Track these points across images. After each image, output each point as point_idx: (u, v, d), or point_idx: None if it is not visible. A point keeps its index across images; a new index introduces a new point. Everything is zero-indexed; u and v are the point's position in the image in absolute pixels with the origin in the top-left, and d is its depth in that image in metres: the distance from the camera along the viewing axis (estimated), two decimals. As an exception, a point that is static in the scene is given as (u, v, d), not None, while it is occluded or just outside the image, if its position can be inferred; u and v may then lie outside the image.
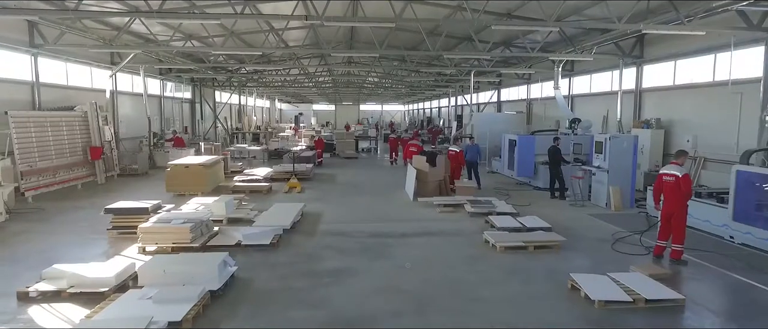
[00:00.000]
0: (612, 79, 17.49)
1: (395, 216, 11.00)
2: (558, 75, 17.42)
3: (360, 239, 8.93)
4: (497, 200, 11.93)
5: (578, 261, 7.79)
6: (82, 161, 14.76)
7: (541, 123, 22.90)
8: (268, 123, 46.88)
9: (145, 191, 14.15)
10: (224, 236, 8.57)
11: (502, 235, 8.67)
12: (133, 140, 20.18)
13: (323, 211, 11.43)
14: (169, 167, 13.36)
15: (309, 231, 9.46)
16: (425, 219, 10.69)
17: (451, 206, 11.71)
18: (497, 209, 11.03)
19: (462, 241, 8.91)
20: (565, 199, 13.06)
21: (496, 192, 14.13)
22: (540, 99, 23.53)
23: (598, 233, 9.60)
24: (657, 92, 15.31)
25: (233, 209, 10.44)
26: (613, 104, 17.25)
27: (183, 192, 13.19)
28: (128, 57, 17.16)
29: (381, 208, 11.90)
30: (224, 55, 23.25)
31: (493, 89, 30.56)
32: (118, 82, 19.19)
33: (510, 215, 10.45)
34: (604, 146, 12.02)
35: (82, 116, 15.09)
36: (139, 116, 20.16)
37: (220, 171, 15.21)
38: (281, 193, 13.94)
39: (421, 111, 59.20)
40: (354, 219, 10.70)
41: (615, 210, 11.65)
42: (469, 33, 15.90)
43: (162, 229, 7.97)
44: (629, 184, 12.01)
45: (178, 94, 26.69)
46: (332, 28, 18.46)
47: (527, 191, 14.63)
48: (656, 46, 15.17)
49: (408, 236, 9.22)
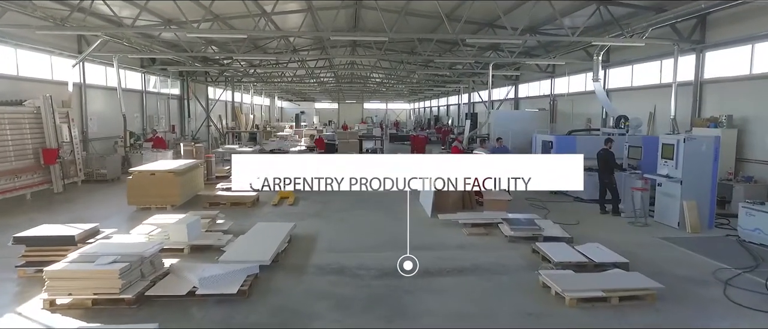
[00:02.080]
0: (661, 69, 14.90)
1: (411, 241, 8.41)
2: (598, 65, 14.86)
3: (366, 281, 6.44)
4: (540, 219, 9.39)
5: (692, 321, 5.28)
6: (33, 166, 12.32)
7: (568, 121, 20.32)
8: (267, 122, 44.48)
9: (108, 202, 11.73)
10: (176, 278, 6.09)
11: (568, 278, 6.14)
12: (106, 141, 17.75)
13: (319, 232, 8.94)
14: (132, 174, 10.89)
15: (297, 267, 6.97)
16: (451, 245, 8.18)
17: (481, 226, 9.19)
18: (543, 231, 8.50)
19: (509, 284, 6.39)
20: (619, 215, 10.52)
21: (530, 205, 11.62)
22: (567, 95, 20.93)
23: (690, 268, 7.05)
24: (723, 83, 12.69)
25: (200, 232, 7.96)
26: (661, 99, 14.68)
27: (148, 205, 10.76)
28: (95, 44, 14.72)
29: (392, 228, 9.39)
30: (212, 46, 20.78)
31: (510, 85, 27.95)
32: (87, 73, 16.75)
33: (564, 242, 7.93)
34: (676, 150, 9.47)
35: (33, 112, 12.66)
36: (114, 113, 17.71)
37: (198, 178, 12.74)
38: (269, 206, 11.47)
39: (427, 110, 56.61)
40: (358, 246, 8.20)
41: (691, 232, 9.09)
42: (497, 14, 13.30)
43: (78, 273, 5.49)
44: (708, 198, 9.45)
45: (165, 89, 24.25)
46: (332, 13, 15.97)
47: (566, 203, 12.09)
48: (722, 28, 12.56)
49: (432, 274, 6.71)
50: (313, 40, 22.47)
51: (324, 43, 21.77)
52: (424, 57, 19.48)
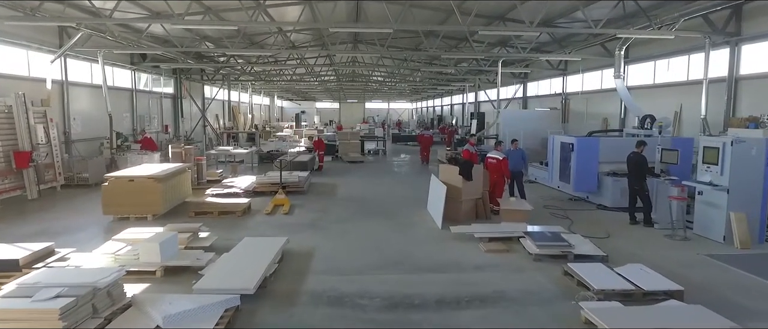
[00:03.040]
0: (688, 64, 13.74)
1: (421, 259, 7.36)
2: (620, 60, 13.70)
3: (369, 315, 5.33)
4: (567, 233, 8.27)
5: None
6: (3, 171, 11.26)
7: (581, 121, 19.20)
8: (266, 122, 43.40)
9: (85, 211, 10.63)
10: (138, 314, 4.98)
11: (617, 313, 5.01)
12: (92, 142, 16.67)
13: (315, 248, 7.83)
14: (107, 180, 9.79)
15: (287, 295, 5.85)
16: (467, 266, 7.05)
17: (500, 241, 8.07)
18: (573, 248, 7.38)
19: (543, 318, 5.27)
20: (652, 225, 9.39)
21: (550, 214, 10.49)
22: (581, 93, 19.78)
23: (758, 298, 5.91)
24: (762, 79, 11.54)
25: (176, 250, 6.85)
26: (688, 97, 13.55)
27: (126, 215, 9.67)
28: (75, 37, 13.64)
29: (398, 243, 8.28)
30: (206, 42, 19.69)
31: (518, 83, 26.80)
32: (71, 70, 15.66)
33: (599, 261, 6.80)
34: (721, 154, 8.33)
35: (4, 111, 11.58)
36: (101, 112, 16.61)
37: (185, 183, 11.62)
38: (262, 215, 10.35)
39: (430, 109, 55.47)
40: (359, 265, 7.08)
41: (741, 247, 7.96)
42: (509, 6, 12.19)
43: (9, 312, 4.39)
44: (758, 209, 8.30)
45: (158, 88, 23.14)
46: (331, 4, 14.86)
47: (589, 211, 10.96)
48: (760, 19, 11.42)
49: (448, 304, 5.59)
50: (313, 35, 21.35)
51: (324, 39, 20.65)
52: (430, 53, 18.33)
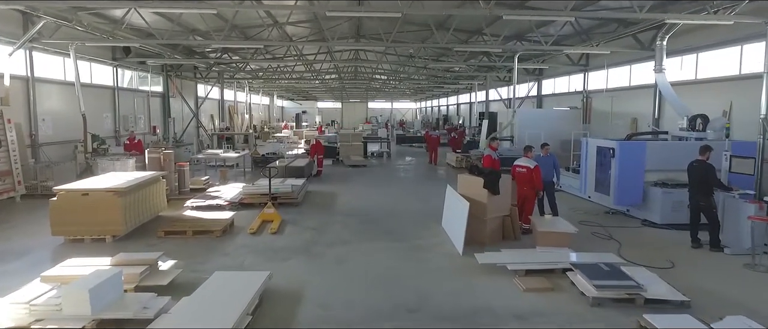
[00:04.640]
0: (740, 56, 11.95)
1: (443, 304, 5.59)
2: (662, 51, 11.90)
3: None
4: (630, 265, 6.51)
5: None
6: (-55, 181, 9.59)
7: (605, 121, 17.42)
8: (265, 122, 41.70)
9: (39, 228, 8.89)
10: None
11: None
12: (66, 145, 14.99)
13: (304, 286, 6.09)
14: (56, 194, 8.08)
15: (259, 371, 4.12)
16: (505, 315, 5.29)
17: (540, 275, 6.33)
18: (644, 289, 5.60)
19: None
20: (721, 249, 7.63)
21: (591, 233, 8.74)
22: (605, 91, 17.97)
23: None
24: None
25: (117, 295, 5.12)
26: (739, 94, 11.78)
27: (80, 236, 7.97)
28: (36, 27, 11.96)
29: (411, 276, 6.53)
30: (194, 34, 17.96)
31: (533, 81, 25.00)
32: (39, 65, 13.97)
33: (685, 312, 5.06)
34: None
35: (-53, 110, 9.92)
36: (76, 112, 14.89)
37: (157, 195, 9.86)
38: (245, 234, 8.62)
39: (434, 109, 53.68)
40: (362, 315, 5.32)
41: None
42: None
43: None
44: None
45: (145, 86, 21.46)
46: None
47: (634, 228, 9.21)
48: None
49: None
50: (311, 29, 19.62)
51: (323, 33, 18.92)
52: (440, 47, 16.58)
